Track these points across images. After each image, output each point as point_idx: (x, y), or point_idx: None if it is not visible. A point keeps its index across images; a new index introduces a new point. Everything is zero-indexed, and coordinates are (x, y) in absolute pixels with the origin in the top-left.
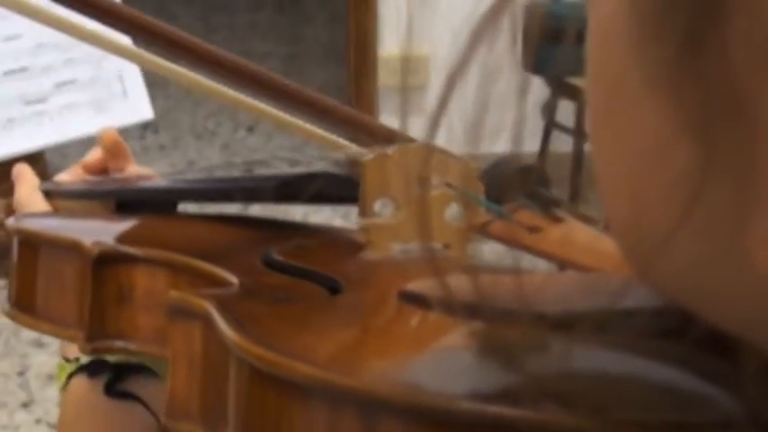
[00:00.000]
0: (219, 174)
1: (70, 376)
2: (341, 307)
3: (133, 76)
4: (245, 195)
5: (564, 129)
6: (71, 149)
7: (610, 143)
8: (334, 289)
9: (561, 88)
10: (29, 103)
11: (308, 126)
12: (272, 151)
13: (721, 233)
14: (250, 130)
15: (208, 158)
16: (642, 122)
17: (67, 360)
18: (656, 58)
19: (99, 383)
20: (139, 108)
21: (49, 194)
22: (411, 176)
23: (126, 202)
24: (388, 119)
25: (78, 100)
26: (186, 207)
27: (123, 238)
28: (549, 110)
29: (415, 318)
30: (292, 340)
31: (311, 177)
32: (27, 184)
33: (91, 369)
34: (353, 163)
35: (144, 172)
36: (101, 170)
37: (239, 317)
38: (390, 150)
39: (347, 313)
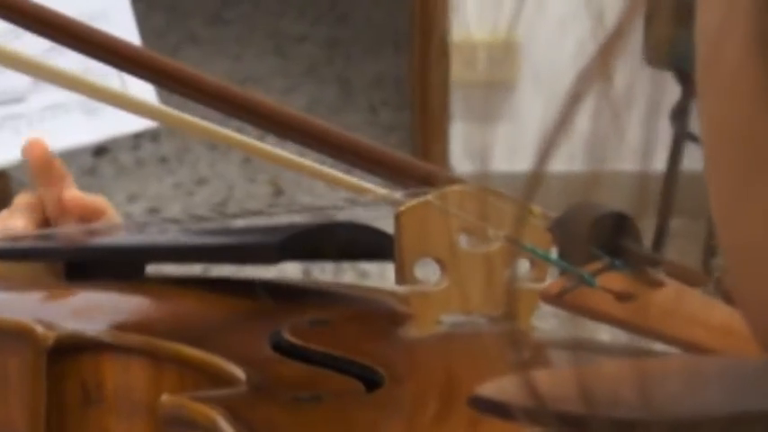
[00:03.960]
0: (196, 223)
1: None
2: (384, 406)
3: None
4: (240, 255)
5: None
6: None
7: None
8: (371, 381)
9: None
10: (1, 103)
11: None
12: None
13: None
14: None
15: (224, 175)
16: None
17: None
18: None
19: None
20: None
21: None
22: (458, 228)
23: (79, 264)
24: (463, 125)
25: (64, 100)
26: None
27: (85, 318)
28: (680, 115)
29: (470, 415)
30: None
31: (329, 230)
32: None
33: None
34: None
35: (91, 201)
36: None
37: (256, 427)
38: (432, 196)
39: (393, 415)
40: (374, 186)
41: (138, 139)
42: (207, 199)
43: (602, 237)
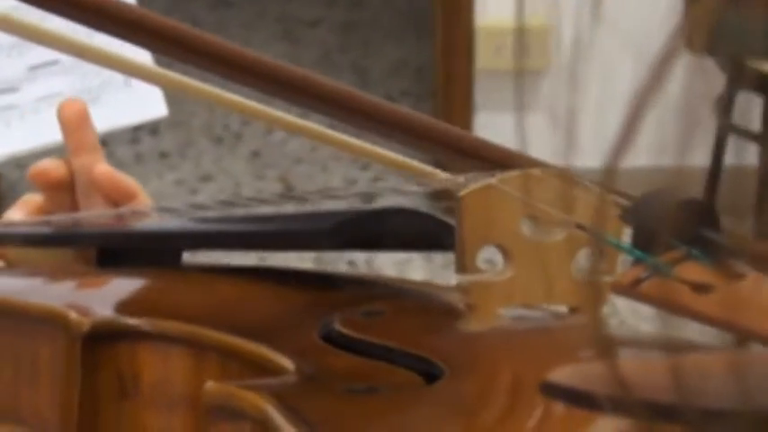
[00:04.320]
0: (242, 208)
1: None
2: (444, 401)
3: (139, 55)
4: (288, 241)
5: (745, 133)
6: (34, 160)
7: None
8: (431, 374)
9: (742, 74)
10: None
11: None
12: (322, 162)
13: None
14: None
15: (230, 172)
16: None
17: None
18: None
19: None
20: (148, 101)
21: None
22: (526, 213)
23: (112, 250)
24: (489, 117)
25: (60, 89)
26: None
27: (121, 305)
28: (724, 106)
29: (537, 411)
30: None
31: (384, 216)
32: None
33: None
34: (445, 197)
35: (124, 180)
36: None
37: (309, 418)
38: (497, 179)
39: (454, 410)
40: (433, 169)
41: (136, 132)
42: (211, 197)
43: (679, 225)
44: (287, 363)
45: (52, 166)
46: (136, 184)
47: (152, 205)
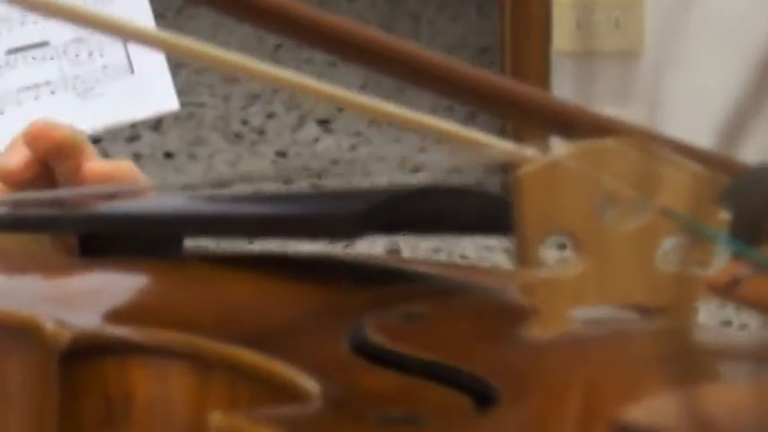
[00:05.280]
0: (254, 186)
1: None
2: (500, 430)
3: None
4: (311, 227)
5: None
6: None
7: None
8: (484, 396)
9: None
10: None
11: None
12: (362, 163)
13: None
14: (324, 125)
15: (250, 176)
16: None
17: None
18: None
19: None
20: (155, 92)
21: None
22: (600, 194)
23: (98, 236)
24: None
25: (48, 77)
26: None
27: (109, 310)
28: None
29: None
30: None
31: (423, 195)
32: None
33: None
34: (503, 172)
35: (121, 169)
36: (35, 176)
37: None
38: (566, 153)
39: None
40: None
41: (134, 126)
42: None
43: None
44: (310, 384)
45: (16, 168)
46: (129, 165)
47: (147, 183)
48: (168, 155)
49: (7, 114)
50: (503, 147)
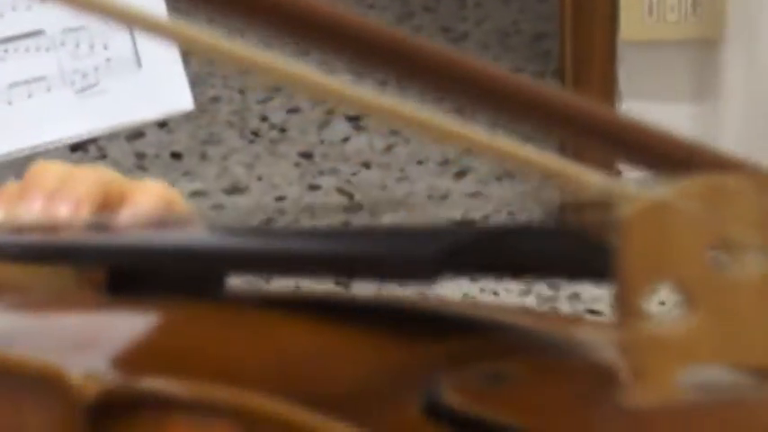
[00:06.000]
0: (309, 221)
1: None
2: None
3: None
4: (381, 267)
5: None
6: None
7: None
8: None
9: None
10: None
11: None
12: (399, 166)
13: None
14: (354, 122)
15: (270, 179)
16: None
17: None
18: None
19: None
20: (166, 89)
21: None
22: (715, 239)
23: (129, 271)
24: (639, 106)
25: (44, 71)
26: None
27: (142, 358)
28: None
29: None
30: None
31: (512, 234)
32: None
33: None
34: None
35: (156, 191)
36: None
37: None
38: (679, 192)
39: None
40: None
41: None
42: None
43: None
44: None
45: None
46: (166, 190)
47: (189, 213)
48: (176, 155)
49: None
50: (597, 181)
